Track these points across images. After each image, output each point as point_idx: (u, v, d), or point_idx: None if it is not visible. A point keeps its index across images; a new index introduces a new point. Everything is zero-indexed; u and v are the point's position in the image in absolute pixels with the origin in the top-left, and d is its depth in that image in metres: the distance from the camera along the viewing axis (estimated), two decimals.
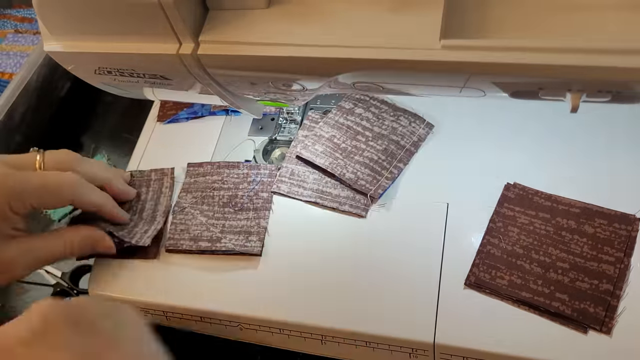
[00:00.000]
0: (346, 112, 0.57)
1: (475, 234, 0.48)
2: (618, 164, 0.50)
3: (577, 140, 0.52)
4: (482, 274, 0.46)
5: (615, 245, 0.45)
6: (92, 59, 0.45)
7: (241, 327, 0.49)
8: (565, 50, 0.33)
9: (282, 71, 0.41)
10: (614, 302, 0.43)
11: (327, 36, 0.38)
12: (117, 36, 0.42)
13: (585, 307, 0.43)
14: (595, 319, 0.43)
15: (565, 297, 0.44)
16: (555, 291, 0.44)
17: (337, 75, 0.40)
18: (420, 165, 0.54)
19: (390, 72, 0.38)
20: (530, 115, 0.54)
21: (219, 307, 0.49)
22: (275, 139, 0.59)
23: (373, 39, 0.37)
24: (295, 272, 0.49)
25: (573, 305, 0.43)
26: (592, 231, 0.46)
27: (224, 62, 0.41)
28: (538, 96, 0.38)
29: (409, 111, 0.56)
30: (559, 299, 0.44)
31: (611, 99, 0.36)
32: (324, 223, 0.51)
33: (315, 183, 0.53)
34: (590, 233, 0.46)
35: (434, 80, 0.39)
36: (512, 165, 0.52)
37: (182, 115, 0.63)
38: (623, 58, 0.33)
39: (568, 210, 0.48)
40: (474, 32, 0.36)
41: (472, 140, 0.54)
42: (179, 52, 0.41)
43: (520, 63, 0.34)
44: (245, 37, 0.40)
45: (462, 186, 0.52)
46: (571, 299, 0.44)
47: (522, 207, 0.49)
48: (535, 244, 0.47)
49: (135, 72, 0.45)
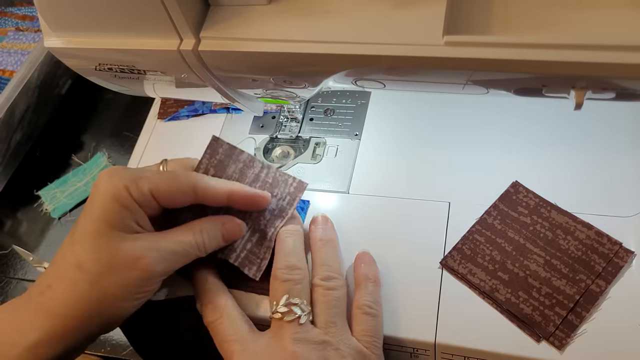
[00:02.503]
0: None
1: None
2: (620, 165, 0.50)
3: (579, 141, 0.52)
4: (458, 260, 0.47)
5: (595, 268, 0.45)
6: (93, 55, 0.44)
7: None
8: (570, 46, 0.33)
9: (284, 67, 0.41)
10: (576, 321, 0.43)
11: (329, 32, 0.37)
12: (117, 32, 0.42)
13: (539, 317, 0.43)
14: (544, 330, 0.42)
15: (527, 301, 0.44)
16: (519, 290, 0.44)
17: (339, 71, 0.39)
18: (422, 164, 0.54)
19: (393, 68, 0.38)
20: (532, 116, 0.54)
21: None
22: (276, 137, 0.59)
23: (375, 35, 0.36)
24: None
25: (533, 311, 0.43)
26: (580, 252, 0.46)
27: (225, 58, 0.41)
28: (542, 93, 0.37)
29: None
30: (522, 301, 0.44)
31: (616, 97, 0.36)
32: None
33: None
34: (577, 255, 0.45)
35: (436, 77, 0.39)
36: (514, 166, 0.51)
37: (183, 113, 0.62)
38: (628, 54, 0.32)
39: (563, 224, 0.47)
40: (477, 28, 0.36)
41: (474, 140, 0.54)
42: (180, 48, 0.41)
43: (524, 59, 0.34)
44: (247, 33, 0.40)
45: (464, 186, 0.51)
46: (532, 305, 0.44)
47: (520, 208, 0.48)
48: (517, 247, 0.47)
49: (135, 68, 0.45)
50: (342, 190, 0.54)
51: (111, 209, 0.41)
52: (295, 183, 0.48)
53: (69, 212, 0.66)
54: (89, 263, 0.40)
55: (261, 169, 0.49)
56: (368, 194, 0.53)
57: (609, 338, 0.42)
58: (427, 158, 0.54)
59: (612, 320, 0.42)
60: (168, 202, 0.43)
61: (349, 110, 0.59)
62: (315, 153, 0.57)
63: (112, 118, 0.75)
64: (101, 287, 0.40)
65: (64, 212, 0.66)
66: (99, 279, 0.40)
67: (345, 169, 0.55)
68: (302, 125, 0.59)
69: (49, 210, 0.67)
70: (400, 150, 0.55)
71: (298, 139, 0.58)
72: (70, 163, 0.71)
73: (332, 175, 0.55)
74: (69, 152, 0.72)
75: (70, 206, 0.66)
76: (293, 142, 0.59)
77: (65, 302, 0.40)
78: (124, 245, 0.41)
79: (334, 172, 0.55)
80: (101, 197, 0.41)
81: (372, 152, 0.56)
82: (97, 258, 0.40)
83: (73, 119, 0.76)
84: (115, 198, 0.41)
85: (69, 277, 0.40)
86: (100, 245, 0.40)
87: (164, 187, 0.43)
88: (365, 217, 0.51)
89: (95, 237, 0.41)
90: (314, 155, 0.57)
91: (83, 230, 0.41)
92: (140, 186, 0.42)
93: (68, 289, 0.40)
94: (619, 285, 0.44)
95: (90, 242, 0.41)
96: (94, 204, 0.41)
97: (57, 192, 0.68)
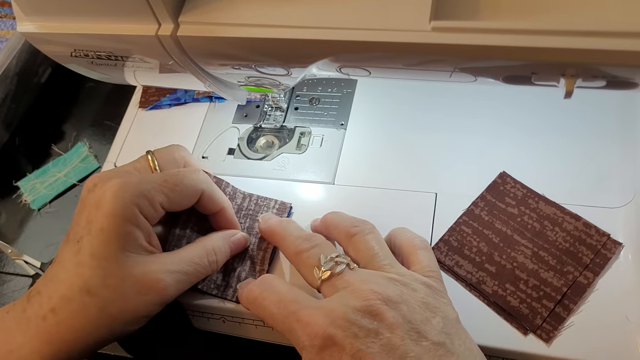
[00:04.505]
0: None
1: None
2: (608, 156, 0.49)
3: (567, 132, 0.51)
4: (445, 252, 0.46)
5: (583, 260, 0.44)
6: (68, 40, 0.43)
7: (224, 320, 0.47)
8: (560, 32, 0.32)
9: (266, 54, 0.40)
10: (563, 314, 0.42)
11: (312, 17, 0.36)
12: (93, 17, 0.41)
13: (526, 309, 0.42)
14: (532, 323, 0.42)
15: (514, 294, 0.43)
16: (506, 282, 0.44)
17: (323, 58, 0.38)
18: (408, 155, 0.53)
19: (378, 55, 0.37)
20: (521, 106, 0.53)
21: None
22: (260, 127, 0.58)
23: (359, 20, 0.35)
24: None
25: (520, 304, 0.43)
26: (568, 244, 0.45)
27: (205, 44, 0.40)
28: (531, 81, 0.36)
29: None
30: (509, 293, 0.43)
31: (606, 85, 0.35)
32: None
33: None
34: (565, 247, 0.45)
35: (423, 64, 0.38)
36: (502, 156, 0.51)
37: (165, 102, 0.61)
38: (619, 41, 0.31)
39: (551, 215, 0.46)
40: (465, 14, 0.35)
41: (462, 130, 0.53)
42: (158, 33, 0.39)
43: (513, 46, 0.33)
44: (228, 18, 0.38)
45: (451, 176, 0.51)
46: (519, 297, 0.43)
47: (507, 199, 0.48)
48: (504, 238, 0.46)
49: (113, 54, 0.43)
50: (327, 181, 0.53)
51: (123, 232, 0.39)
52: (277, 205, 0.50)
53: (48, 204, 0.65)
54: (100, 289, 0.38)
55: (243, 199, 0.51)
56: (354, 184, 0.52)
57: (597, 330, 0.41)
58: (413, 148, 0.53)
59: (600, 312, 0.42)
60: (173, 210, 0.43)
61: (335, 100, 0.58)
62: (300, 143, 0.56)
63: (93, 107, 0.73)
64: (111, 313, 0.39)
65: (44, 204, 0.64)
66: (109, 305, 0.39)
67: (330, 159, 0.54)
68: (287, 115, 0.58)
69: (28, 201, 0.65)
70: (386, 140, 0.54)
71: (283, 129, 0.57)
72: (50, 153, 0.69)
73: (317, 165, 0.54)
74: (49, 142, 0.70)
75: (50, 197, 0.65)
76: (277, 132, 0.57)
77: (72, 328, 0.38)
78: (136, 270, 0.39)
79: (319, 163, 0.54)
80: (111, 218, 0.39)
81: (358, 142, 0.55)
82: (108, 284, 0.39)
83: (53, 108, 0.74)
84: (126, 219, 0.39)
85: (76, 302, 0.38)
86: (111, 270, 0.39)
87: (174, 198, 0.42)
88: (350, 208, 0.49)
89: (106, 261, 0.39)
90: (298, 145, 0.56)
91: (92, 252, 0.39)
92: (152, 202, 0.41)
93: (76, 316, 0.38)
94: (606, 277, 0.43)
95: (101, 267, 0.39)
96: (102, 226, 0.39)
97: (36, 182, 0.66)
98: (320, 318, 0.36)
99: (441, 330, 0.36)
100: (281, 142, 0.57)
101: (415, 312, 0.36)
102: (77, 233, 0.40)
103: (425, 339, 0.35)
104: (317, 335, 0.35)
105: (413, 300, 0.37)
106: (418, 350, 0.35)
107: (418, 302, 0.37)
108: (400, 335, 0.35)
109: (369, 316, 0.36)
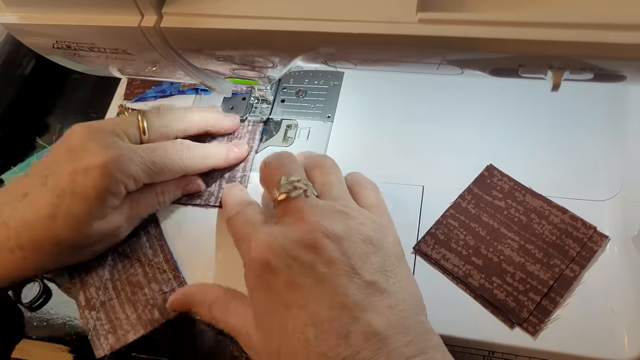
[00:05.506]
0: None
1: None
2: (595, 149, 0.49)
3: (554, 125, 0.51)
4: (432, 245, 0.46)
5: (569, 253, 0.44)
6: (49, 32, 0.42)
7: None
8: (547, 24, 0.32)
9: (250, 45, 0.39)
10: (550, 307, 0.42)
11: (297, 8, 0.36)
12: (74, 7, 0.40)
13: (513, 302, 0.42)
14: (518, 316, 0.42)
15: (501, 287, 0.43)
16: (493, 276, 0.44)
17: (308, 50, 0.38)
18: (395, 147, 0.52)
19: (364, 47, 0.36)
20: (508, 98, 0.53)
21: None
22: (246, 119, 0.57)
23: (345, 11, 0.35)
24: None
25: (506, 297, 0.43)
26: (555, 237, 0.45)
27: (189, 35, 0.39)
28: (518, 74, 0.36)
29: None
30: (496, 286, 0.43)
31: (594, 77, 0.35)
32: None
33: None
34: (551, 240, 0.45)
35: (409, 56, 0.37)
36: (489, 149, 0.50)
37: (150, 94, 0.60)
38: (605, 33, 0.31)
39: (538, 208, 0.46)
40: (452, 6, 0.34)
41: (448, 123, 0.53)
42: (141, 24, 0.38)
43: (500, 38, 0.32)
44: (212, 9, 0.38)
45: (438, 169, 0.50)
46: (506, 291, 0.43)
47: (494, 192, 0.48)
48: (491, 231, 0.46)
49: (95, 46, 0.43)
50: None
51: (104, 202, 0.44)
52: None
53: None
54: (68, 242, 0.44)
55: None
56: None
57: (583, 323, 0.41)
58: (400, 141, 0.53)
59: (586, 305, 0.42)
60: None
61: (322, 92, 0.57)
62: (287, 136, 0.55)
63: (78, 99, 0.72)
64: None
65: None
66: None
67: (317, 151, 0.53)
68: (273, 107, 0.57)
69: None
70: (373, 133, 0.54)
71: (269, 121, 0.57)
72: (35, 145, 0.68)
73: None
74: (34, 135, 0.69)
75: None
76: (264, 124, 0.57)
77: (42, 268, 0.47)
78: (104, 226, 0.45)
79: None
80: (97, 190, 0.43)
81: (345, 135, 0.54)
82: (76, 236, 0.44)
83: (37, 100, 0.73)
84: (111, 192, 0.44)
85: (46, 250, 0.44)
86: (82, 230, 0.44)
87: (157, 179, 0.47)
88: None
89: (79, 222, 0.43)
90: (285, 138, 0.55)
91: (70, 213, 0.43)
92: (137, 181, 0.45)
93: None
94: (593, 270, 0.43)
95: (75, 228, 0.43)
96: (87, 194, 0.43)
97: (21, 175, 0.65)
98: (262, 245, 0.38)
99: (378, 268, 0.37)
100: (267, 135, 0.56)
101: (356, 247, 0.37)
102: (57, 183, 0.43)
103: (358, 276, 0.36)
104: (256, 260, 0.38)
105: (357, 234, 0.38)
106: (349, 286, 0.36)
107: (363, 236, 0.38)
108: (335, 270, 0.36)
109: (308, 249, 0.37)
